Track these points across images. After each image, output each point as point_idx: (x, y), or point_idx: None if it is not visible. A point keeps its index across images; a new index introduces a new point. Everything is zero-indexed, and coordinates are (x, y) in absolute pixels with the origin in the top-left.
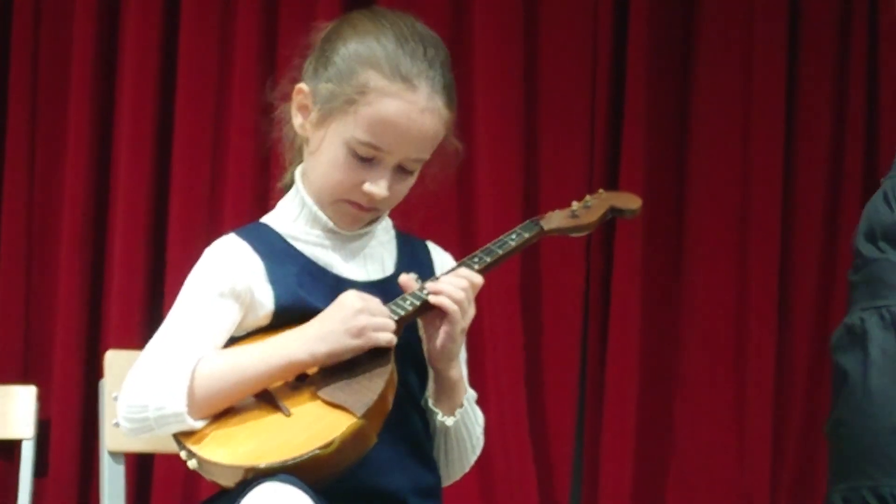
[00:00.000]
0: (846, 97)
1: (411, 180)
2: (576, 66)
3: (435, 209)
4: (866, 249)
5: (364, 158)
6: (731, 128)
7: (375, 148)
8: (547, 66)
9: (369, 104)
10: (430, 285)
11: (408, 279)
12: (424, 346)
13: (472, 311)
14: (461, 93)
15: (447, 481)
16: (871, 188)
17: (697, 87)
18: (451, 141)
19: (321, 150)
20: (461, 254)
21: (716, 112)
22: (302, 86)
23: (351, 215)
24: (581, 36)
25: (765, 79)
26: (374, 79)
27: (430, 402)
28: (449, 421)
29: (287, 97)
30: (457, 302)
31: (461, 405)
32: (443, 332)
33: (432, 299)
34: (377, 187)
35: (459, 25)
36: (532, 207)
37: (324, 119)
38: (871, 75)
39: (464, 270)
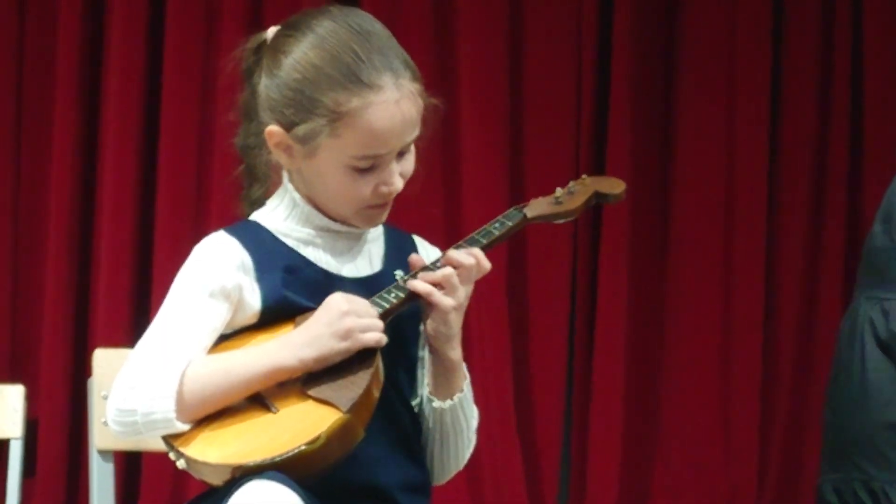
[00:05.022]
0: (831, 85)
1: (412, 154)
2: (561, 54)
3: (421, 198)
4: (880, 230)
5: (367, 168)
6: (717, 115)
7: (374, 157)
8: (532, 54)
9: (351, 126)
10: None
11: (417, 257)
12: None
13: (462, 291)
14: (447, 82)
15: (442, 478)
16: (856, 177)
17: (682, 75)
18: (428, 102)
19: (320, 178)
20: (447, 243)
21: (701, 99)
22: (272, 129)
23: (376, 215)
24: (567, 23)
25: (749, 67)
26: (341, 99)
27: (428, 391)
28: (446, 404)
29: (236, 127)
30: (437, 283)
31: (460, 390)
32: (433, 315)
33: (410, 285)
34: (392, 185)
35: (445, 14)
36: (518, 197)
37: (312, 153)
38: (855, 67)
39: (450, 252)
